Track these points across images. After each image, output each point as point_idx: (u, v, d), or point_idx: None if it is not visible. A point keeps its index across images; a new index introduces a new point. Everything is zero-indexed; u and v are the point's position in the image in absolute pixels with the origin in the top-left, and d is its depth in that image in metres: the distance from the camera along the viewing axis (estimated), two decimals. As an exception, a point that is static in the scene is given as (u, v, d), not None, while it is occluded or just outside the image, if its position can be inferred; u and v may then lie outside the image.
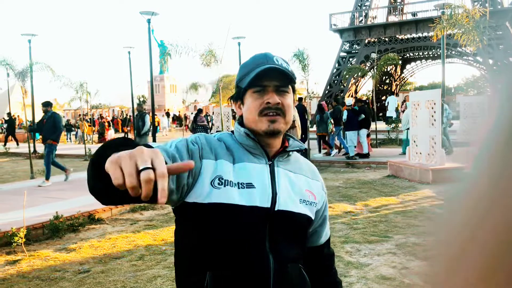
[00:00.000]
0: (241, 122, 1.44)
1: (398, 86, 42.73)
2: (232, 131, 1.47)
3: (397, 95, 41.11)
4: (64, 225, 6.51)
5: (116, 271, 4.96)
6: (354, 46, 38.30)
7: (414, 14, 37.19)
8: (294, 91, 1.44)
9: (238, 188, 1.30)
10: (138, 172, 0.89)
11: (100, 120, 29.01)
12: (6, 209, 7.71)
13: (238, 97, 1.44)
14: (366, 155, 13.27)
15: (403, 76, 43.59)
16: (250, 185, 1.32)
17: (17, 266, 5.28)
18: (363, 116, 13.25)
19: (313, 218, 1.46)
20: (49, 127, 10.65)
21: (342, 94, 35.53)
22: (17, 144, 22.64)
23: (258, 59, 1.40)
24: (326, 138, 14.30)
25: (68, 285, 4.62)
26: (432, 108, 9.83)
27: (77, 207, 7.44)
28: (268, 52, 1.44)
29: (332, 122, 14.01)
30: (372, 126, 16.45)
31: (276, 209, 1.33)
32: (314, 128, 17.11)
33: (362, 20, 38.59)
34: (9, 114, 23.69)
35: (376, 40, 37.59)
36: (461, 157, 0.34)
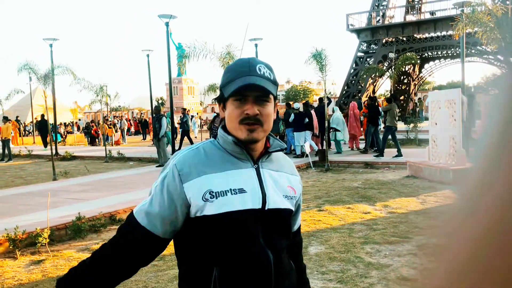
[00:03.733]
0: (225, 128, 1.49)
1: (417, 86, 42.22)
2: (215, 137, 1.54)
3: (415, 94, 40.64)
4: (86, 225, 6.62)
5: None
6: (372, 46, 38.00)
7: (432, 13, 36.72)
8: (275, 98, 1.50)
9: (232, 194, 1.40)
10: None
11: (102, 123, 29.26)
12: (30, 210, 7.87)
13: (220, 101, 1.51)
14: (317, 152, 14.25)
15: (422, 76, 43.05)
16: (241, 190, 1.41)
17: (41, 266, 5.39)
18: (307, 120, 14.39)
19: (293, 210, 1.58)
20: None
21: (359, 94, 35.30)
22: (45, 147, 23.07)
23: (242, 66, 1.45)
24: (284, 139, 15.75)
25: (91, 285, 4.70)
26: (453, 107, 9.71)
27: (98, 208, 7.56)
28: (253, 59, 1.50)
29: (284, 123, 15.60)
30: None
31: (266, 208, 1.44)
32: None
33: (379, 20, 38.27)
34: (42, 116, 24.12)
35: (393, 39, 37.24)
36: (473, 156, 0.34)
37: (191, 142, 18.50)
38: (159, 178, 1.46)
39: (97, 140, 26.81)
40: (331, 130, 15.02)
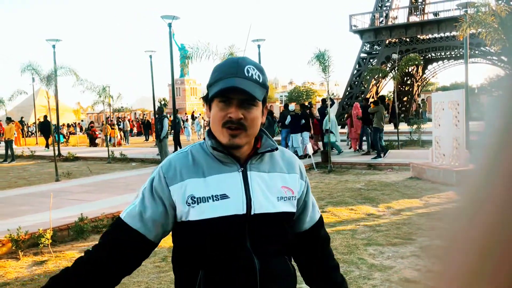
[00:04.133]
0: (210, 131, 1.45)
1: (420, 87, 42.14)
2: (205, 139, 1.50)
3: (418, 95, 40.57)
4: (89, 226, 6.62)
5: (139, 272, 5.01)
6: (375, 46, 37.96)
7: (436, 14, 36.66)
8: (264, 101, 1.44)
9: (213, 200, 1.37)
10: None
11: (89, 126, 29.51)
12: (32, 211, 7.88)
13: (206, 101, 1.45)
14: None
15: (425, 77, 42.96)
16: (224, 196, 1.38)
17: (44, 267, 5.38)
18: (303, 121, 14.57)
19: (294, 210, 1.51)
20: None
21: (363, 95, 35.26)
22: (47, 147, 23.12)
23: (229, 67, 1.40)
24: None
25: (94, 286, 4.69)
26: (456, 109, 9.67)
27: (101, 209, 7.56)
28: (242, 59, 1.43)
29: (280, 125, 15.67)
30: (389, 127, 16.46)
31: (252, 213, 1.39)
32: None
33: (382, 20, 38.23)
34: (45, 117, 24.21)
35: (397, 40, 37.19)
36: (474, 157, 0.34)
37: (179, 146, 18.47)
38: (147, 181, 1.45)
39: (95, 141, 26.95)
40: (325, 132, 15.21)
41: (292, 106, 15.95)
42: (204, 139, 1.50)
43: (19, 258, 5.70)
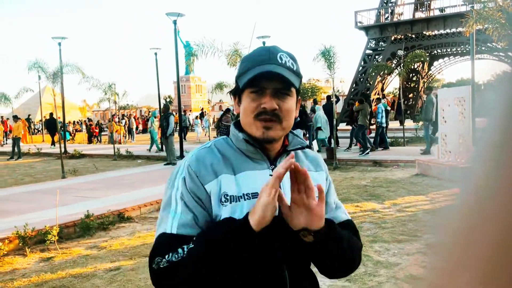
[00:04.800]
0: (238, 124, 1.35)
1: (426, 84, 41.96)
2: (227, 135, 1.39)
3: (424, 92, 40.41)
4: (95, 223, 6.65)
5: (145, 268, 5.03)
6: (380, 43, 37.82)
7: (441, 10, 36.46)
8: (298, 91, 1.34)
9: (245, 199, 1.26)
10: None
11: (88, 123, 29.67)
12: (39, 207, 7.93)
13: (236, 94, 1.35)
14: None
15: (431, 73, 42.79)
16: (255, 195, 1.25)
17: (50, 263, 5.42)
18: (298, 118, 14.15)
19: None
20: None
21: (368, 92, 35.14)
22: (53, 145, 23.24)
23: (261, 55, 1.29)
24: None
25: (100, 282, 4.72)
26: (462, 105, 9.63)
27: (107, 206, 7.59)
28: (274, 47, 1.32)
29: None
30: (395, 124, 16.46)
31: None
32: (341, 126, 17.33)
33: (388, 17, 38.06)
34: (51, 114, 24.34)
35: (402, 37, 37.02)
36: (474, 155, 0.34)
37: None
38: (177, 185, 1.29)
39: (94, 138, 27.18)
40: (316, 129, 15.48)
41: None
42: (217, 136, 1.39)
43: (26, 255, 5.74)
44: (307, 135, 15.66)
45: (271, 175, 1.26)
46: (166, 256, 1.18)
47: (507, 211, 0.29)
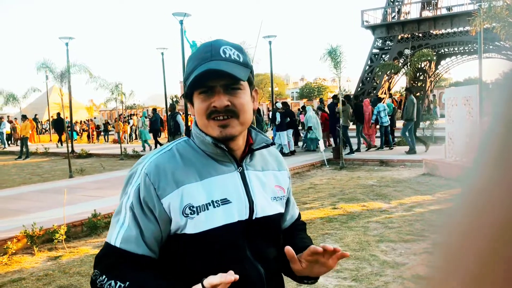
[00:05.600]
0: (196, 126, 1.29)
1: (433, 83, 41.75)
2: (188, 136, 1.31)
3: (431, 91, 40.19)
4: (102, 222, 6.69)
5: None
6: (387, 42, 37.68)
7: (449, 9, 36.26)
8: (251, 82, 1.27)
9: (214, 207, 1.19)
10: None
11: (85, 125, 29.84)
12: (47, 207, 7.98)
13: (187, 97, 1.27)
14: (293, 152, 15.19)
15: (438, 72, 42.55)
16: (225, 201, 1.21)
17: (58, 262, 5.46)
18: (288, 119, 15.13)
19: (283, 211, 1.40)
20: None
21: (375, 91, 35.02)
22: (61, 144, 23.39)
23: (203, 52, 1.21)
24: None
25: (107, 281, 4.75)
26: (469, 104, 9.57)
27: (113, 205, 7.61)
28: (216, 41, 1.25)
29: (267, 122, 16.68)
30: (402, 123, 16.48)
31: (254, 217, 1.25)
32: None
33: (394, 16, 37.92)
34: (58, 114, 24.52)
35: (409, 36, 36.87)
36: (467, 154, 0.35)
37: (158, 144, 19.07)
38: (129, 192, 1.22)
39: (93, 137, 27.49)
40: (307, 129, 15.73)
41: (279, 104, 16.39)
42: (186, 135, 1.32)
43: (34, 254, 5.78)
44: (302, 135, 15.87)
45: (241, 176, 1.27)
46: (102, 279, 1.15)
47: (505, 210, 0.29)
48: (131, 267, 1.16)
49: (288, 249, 1.22)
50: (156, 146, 19.14)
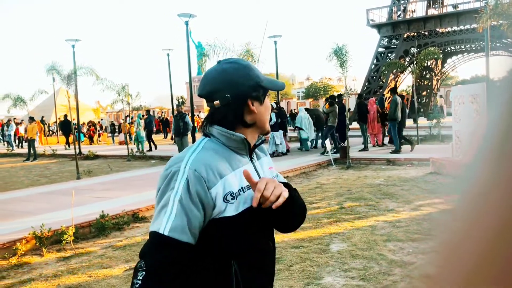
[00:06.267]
0: (225, 125, 1.50)
1: (439, 81, 41.54)
2: (206, 136, 1.54)
3: (438, 89, 39.99)
4: (110, 223, 6.72)
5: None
6: (393, 41, 37.53)
7: (455, 6, 36.05)
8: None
9: (244, 192, 1.45)
10: None
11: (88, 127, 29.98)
12: (55, 208, 8.03)
13: (259, 96, 1.55)
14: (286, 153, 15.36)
15: (444, 71, 42.32)
16: (249, 187, 1.46)
17: (66, 263, 5.49)
18: (279, 119, 15.26)
19: None
20: None
21: (381, 90, 34.91)
22: (69, 146, 23.52)
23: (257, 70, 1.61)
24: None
25: (115, 282, 4.77)
26: (477, 102, 9.52)
27: (121, 206, 7.66)
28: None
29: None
30: (408, 122, 16.45)
31: None
32: (353, 125, 17.33)
33: (400, 14, 37.77)
34: (65, 116, 24.68)
35: (415, 34, 36.70)
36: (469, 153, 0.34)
37: (152, 143, 19.87)
38: (178, 187, 1.37)
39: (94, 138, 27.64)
40: (295, 129, 15.98)
41: (273, 105, 16.48)
42: (207, 135, 1.54)
43: (42, 255, 5.82)
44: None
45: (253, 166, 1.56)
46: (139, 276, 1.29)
47: (503, 206, 0.29)
48: (177, 256, 1.32)
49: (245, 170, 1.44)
50: (150, 146, 19.56)
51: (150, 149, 19.42)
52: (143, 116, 20.78)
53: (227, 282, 1.42)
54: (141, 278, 1.29)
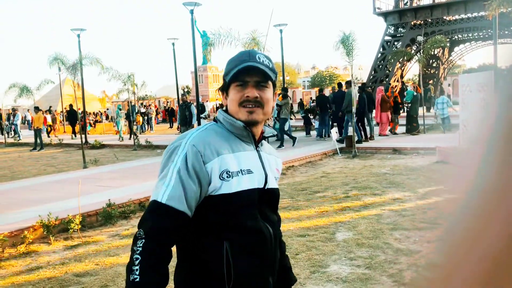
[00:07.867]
0: (227, 112, 1.62)
1: (446, 70, 41.21)
2: (214, 121, 1.65)
3: (445, 78, 39.71)
4: (117, 212, 6.75)
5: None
6: (399, 29, 37.23)
7: (463, -6, 35.62)
8: (274, 85, 1.63)
9: (242, 174, 1.52)
10: None
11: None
12: (62, 197, 8.08)
13: (223, 90, 1.63)
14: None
15: (451, 59, 42.00)
16: (249, 171, 1.55)
17: (74, 251, 5.54)
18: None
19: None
20: None
21: (387, 79, 34.71)
22: (75, 136, 23.63)
23: (243, 55, 1.58)
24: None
25: (122, 270, 4.81)
26: (485, 91, 9.43)
27: (128, 195, 7.70)
28: (253, 50, 1.66)
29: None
30: (420, 111, 16.35)
31: (266, 187, 1.59)
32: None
33: (407, 2, 37.39)
34: (71, 106, 24.76)
35: (422, 22, 36.36)
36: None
37: (132, 132, 20.09)
38: (177, 160, 1.47)
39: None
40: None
41: None
42: (214, 120, 1.66)
43: (50, 243, 5.87)
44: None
45: (258, 155, 1.63)
46: (138, 244, 1.40)
47: (494, 191, 0.29)
48: (170, 222, 1.42)
49: None
50: (130, 134, 20.40)
51: (131, 137, 19.89)
52: (122, 108, 22.51)
53: (218, 261, 1.47)
54: (141, 245, 1.39)
